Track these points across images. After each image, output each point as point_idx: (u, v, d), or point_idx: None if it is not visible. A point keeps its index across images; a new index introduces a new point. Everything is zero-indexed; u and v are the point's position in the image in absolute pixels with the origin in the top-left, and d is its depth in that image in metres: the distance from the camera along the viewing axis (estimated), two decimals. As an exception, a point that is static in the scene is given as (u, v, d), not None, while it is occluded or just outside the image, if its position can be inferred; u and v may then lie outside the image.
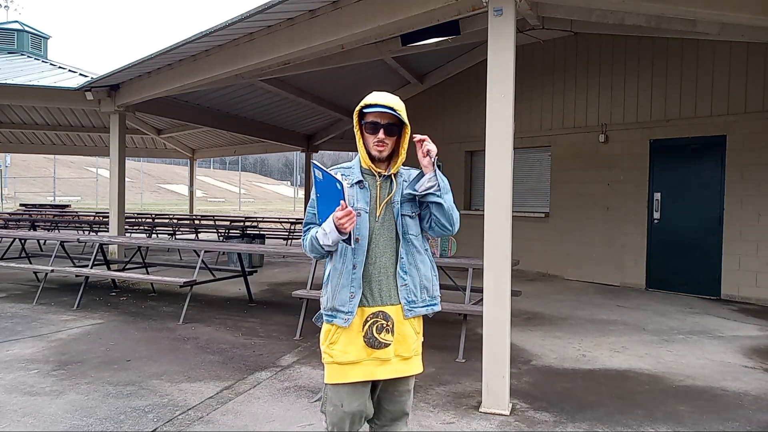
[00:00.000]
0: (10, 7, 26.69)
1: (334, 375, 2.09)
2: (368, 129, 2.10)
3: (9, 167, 32.21)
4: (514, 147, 3.63)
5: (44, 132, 15.42)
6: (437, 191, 2.10)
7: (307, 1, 5.12)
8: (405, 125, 2.11)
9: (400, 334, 2.10)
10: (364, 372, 2.06)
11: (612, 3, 4.52)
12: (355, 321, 2.07)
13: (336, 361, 2.08)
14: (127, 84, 8.78)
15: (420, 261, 2.16)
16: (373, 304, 2.09)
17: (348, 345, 2.07)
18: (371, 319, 2.06)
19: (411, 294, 2.12)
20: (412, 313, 2.12)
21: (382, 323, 2.06)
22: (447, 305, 5.03)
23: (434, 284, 2.21)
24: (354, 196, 2.09)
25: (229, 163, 58.60)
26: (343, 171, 2.16)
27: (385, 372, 2.09)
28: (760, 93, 7.29)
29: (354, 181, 2.12)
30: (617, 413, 3.54)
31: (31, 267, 7.78)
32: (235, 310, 6.55)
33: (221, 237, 12.94)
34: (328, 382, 2.11)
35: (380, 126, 2.07)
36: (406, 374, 2.14)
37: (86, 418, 3.35)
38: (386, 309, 2.09)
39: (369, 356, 2.06)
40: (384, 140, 2.09)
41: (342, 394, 2.07)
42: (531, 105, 9.78)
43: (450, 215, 2.15)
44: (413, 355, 2.14)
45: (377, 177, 2.15)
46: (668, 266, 8.08)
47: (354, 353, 2.06)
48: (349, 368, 2.06)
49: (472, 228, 5.67)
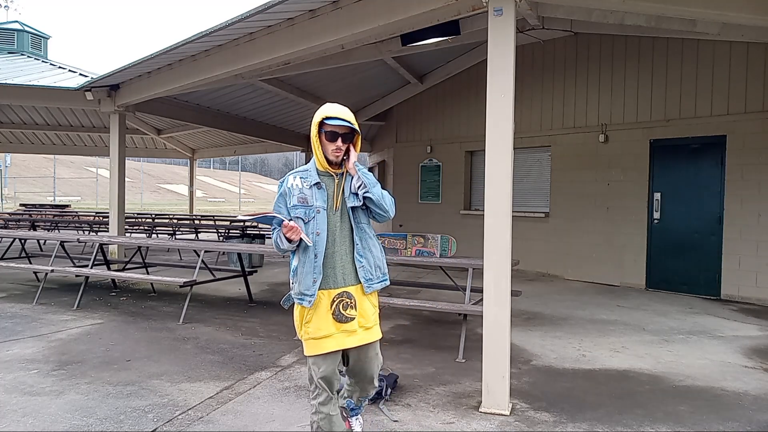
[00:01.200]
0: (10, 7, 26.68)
1: (312, 348, 2.51)
2: (328, 137, 2.50)
3: (9, 167, 32.20)
4: (514, 147, 3.63)
5: (44, 132, 15.42)
6: (364, 188, 2.52)
7: (307, 1, 5.12)
8: (357, 133, 2.53)
9: (361, 308, 2.55)
10: (336, 343, 2.50)
11: (612, 3, 4.52)
12: (324, 302, 2.50)
13: (312, 336, 2.50)
14: (127, 84, 8.78)
15: (372, 245, 2.63)
16: (337, 286, 2.52)
17: (320, 322, 2.50)
18: (337, 299, 2.50)
19: (368, 273, 2.58)
20: (370, 289, 2.57)
21: (347, 301, 2.51)
22: (447, 305, 5.04)
23: (384, 263, 2.69)
24: (313, 196, 2.53)
25: (229, 163, 58.59)
26: (301, 174, 2.59)
27: (353, 341, 2.53)
28: (760, 93, 7.29)
29: (312, 183, 2.54)
30: (617, 413, 3.54)
31: (31, 267, 7.78)
32: (235, 310, 6.55)
33: (221, 237, 12.94)
34: (307, 354, 2.54)
35: (338, 135, 2.49)
36: (369, 341, 2.59)
37: (86, 418, 3.35)
38: (348, 289, 2.53)
39: (338, 330, 2.50)
40: (341, 147, 2.50)
41: (320, 362, 2.51)
42: (531, 105, 9.79)
43: (381, 204, 2.56)
44: (374, 325, 2.60)
45: (333, 177, 2.57)
46: (668, 266, 8.08)
47: (326, 328, 2.49)
48: (323, 341, 2.49)
49: (472, 228, 5.68)
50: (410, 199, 12.02)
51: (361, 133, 2.56)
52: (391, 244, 5.56)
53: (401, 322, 6.04)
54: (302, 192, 2.54)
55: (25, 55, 12.43)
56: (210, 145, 17.36)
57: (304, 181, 2.56)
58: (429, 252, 5.38)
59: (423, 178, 11.78)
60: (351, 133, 2.52)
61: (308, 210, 2.52)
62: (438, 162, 11.49)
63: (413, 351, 4.91)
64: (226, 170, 59.29)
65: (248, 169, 65.94)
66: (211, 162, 53.17)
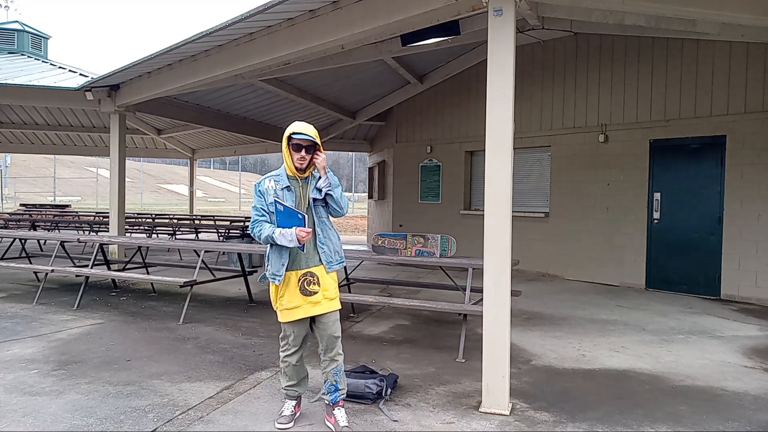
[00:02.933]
0: (10, 7, 26.65)
1: (285, 316, 3.20)
2: (294, 149, 3.12)
3: (9, 167, 32.19)
4: (514, 147, 3.63)
5: (44, 132, 15.41)
6: (329, 188, 3.15)
7: (307, 1, 5.12)
8: (318, 146, 3.14)
9: (324, 283, 3.18)
10: (303, 311, 3.15)
11: (612, 3, 4.52)
12: (293, 280, 3.16)
13: (285, 307, 3.18)
14: (127, 84, 8.78)
15: (331, 234, 3.27)
16: (303, 267, 3.17)
17: (290, 296, 3.17)
18: (303, 278, 3.15)
19: (328, 257, 3.23)
20: (331, 269, 3.23)
21: (310, 279, 3.16)
22: (447, 305, 5.04)
23: (341, 248, 3.35)
24: (284, 196, 3.14)
25: (229, 163, 58.55)
26: (274, 178, 3.20)
27: (318, 309, 3.16)
28: (760, 93, 7.29)
29: (283, 186, 3.16)
30: (617, 413, 3.54)
31: (31, 267, 7.78)
32: (235, 310, 6.55)
33: (221, 237, 12.94)
34: (281, 320, 3.24)
35: (302, 147, 3.11)
36: (331, 309, 3.20)
37: (86, 418, 3.35)
38: (312, 269, 3.18)
39: (305, 301, 3.15)
40: (304, 157, 3.13)
41: (293, 327, 3.23)
42: (531, 105, 9.79)
43: (338, 202, 3.20)
44: (335, 297, 3.23)
45: (299, 181, 3.20)
46: (668, 266, 8.09)
47: (295, 300, 3.15)
48: (294, 311, 3.16)
49: (472, 228, 5.68)
50: (410, 199, 12.02)
51: (321, 145, 3.16)
52: (391, 244, 5.56)
53: (401, 322, 6.04)
54: (276, 193, 3.14)
55: (25, 55, 12.43)
56: (210, 145, 17.36)
57: (277, 183, 3.18)
58: (429, 252, 5.38)
59: (423, 178, 11.79)
60: (313, 145, 3.12)
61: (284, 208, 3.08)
62: (438, 162, 11.50)
63: (413, 351, 4.91)
64: (226, 170, 59.26)
65: (248, 169, 65.85)
66: (211, 162, 53.15)
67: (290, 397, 3.36)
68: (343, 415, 3.21)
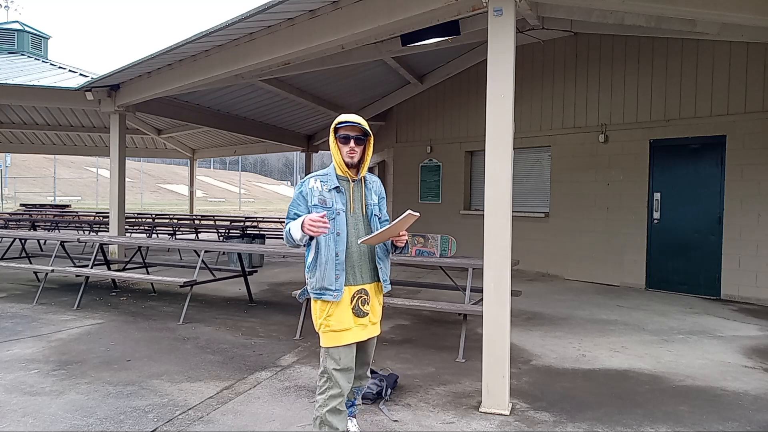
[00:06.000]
0: (10, 7, 26.64)
1: (332, 340, 2.68)
2: (342, 141, 2.70)
3: (9, 167, 32.20)
4: (514, 147, 3.63)
5: (44, 132, 15.42)
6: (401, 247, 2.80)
7: (307, 1, 5.12)
8: (369, 136, 2.73)
9: (372, 305, 2.81)
10: (353, 335, 2.71)
11: (612, 3, 4.52)
12: (345, 297, 2.69)
13: (333, 329, 2.67)
14: (127, 84, 8.78)
15: (386, 251, 2.86)
16: (356, 283, 2.73)
17: (342, 316, 2.68)
18: (357, 296, 2.72)
19: (385, 274, 2.83)
20: (387, 287, 2.85)
21: (365, 298, 2.75)
22: (447, 305, 5.04)
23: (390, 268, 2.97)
24: (333, 198, 2.70)
25: (229, 163, 58.59)
26: (321, 178, 2.76)
27: (365, 334, 2.78)
28: (760, 93, 7.29)
29: (332, 186, 2.72)
30: (617, 413, 3.55)
31: (31, 267, 7.78)
32: (235, 310, 6.55)
33: (221, 237, 12.94)
34: (326, 346, 2.69)
35: (351, 138, 2.68)
36: (376, 334, 2.89)
37: (86, 418, 3.35)
38: (365, 287, 2.76)
39: (356, 323, 2.72)
40: (354, 148, 2.69)
41: (340, 353, 2.68)
42: (531, 105, 9.79)
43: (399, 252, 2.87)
44: (378, 321, 2.89)
45: (350, 182, 2.76)
46: (668, 266, 8.09)
47: (347, 322, 2.69)
48: (343, 334, 2.69)
49: (472, 228, 5.68)
50: (410, 199, 12.01)
51: (372, 135, 2.75)
52: (391, 244, 5.55)
53: (401, 322, 6.04)
54: (322, 194, 2.71)
55: (26, 55, 12.43)
56: (210, 145, 17.37)
57: (324, 184, 2.73)
58: (429, 252, 5.38)
59: (423, 178, 11.78)
60: (363, 136, 2.71)
61: (329, 211, 2.67)
62: (438, 162, 11.49)
63: (413, 351, 4.91)
64: (226, 170, 59.27)
65: (248, 169, 65.92)
66: (211, 162, 53.17)
67: None
68: (355, 426, 3.12)
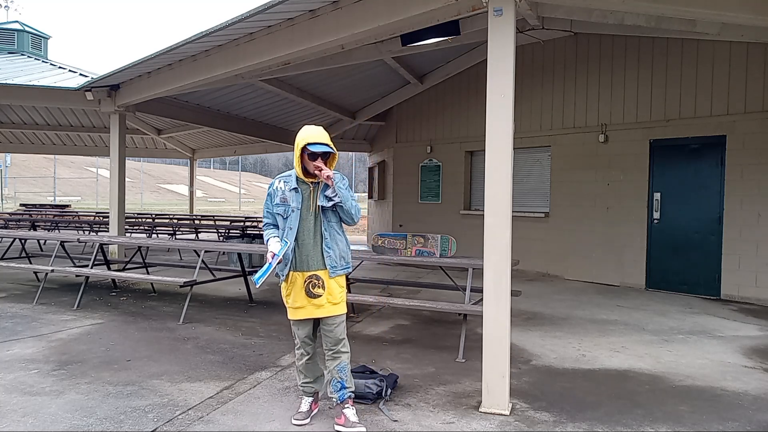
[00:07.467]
0: (10, 7, 26.64)
1: (290, 314, 3.30)
2: (311, 158, 3.12)
3: (9, 167, 32.19)
4: (514, 147, 3.63)
5: (44, 132, 15.40)
6: (339, 201, 3.16)
7: (307, 1, 5.12)
8: (333, 153, 3.17)
9: (329, 288, 3.22)
10: (306, 312, 3.24)
11: (612, 3, 4.52)
12: (299, 281, 3.22)
13: (290, 306, 3.28)
14: (127, 84, 8.78)
15: (339, 240, 3.27)
16: (308, 269, 3.21)
17: (296, 296, 3.25)
18: (308, 280, 3.20)
19: (333, 261, 3.23)
20: (334, 274, 3.24)
21: (315, 282, 3.20)
22: (447, 305, 5.04)
23: (348, 254, 3.34)
24: (292, 198, 3.21)
25: (229, 163, 58.54)
26: (284, 179, 3.28)
27: (321, 312, 3.22)
28: (760, 93, 7.29)
29: (292, 187, 3.23)
30: (617, 413, 3.55)
31: (31, 267, 7.78)
32: (235, 310, 6.55)
33: (221, 237, 12.94)
34: (289, 318, 3.33)
35: (318, 155, 3.11)
36: (334, 313, 3.25)
37: (86, 418, 3.35)
38: (318, 272, 3.21)
39: (309, 303, 3.21)
40: (321, 165, 3.10)
41: (297, 325, 3.32)
42: (531, 105, 9.79)
43: (349, 211, 3.21)
44: (340, 301, 3.27)
45: (309, 186, 3.23)
46: (668, 266, 8.09)
47: (300, 301, 3.23)
48: (298, 310, 3.25)
49: (472, 228, 5.68)
50: (410, 199, 12.02)
51: (336, 153, 3.20)
52: (391, 244, 5.56)
53: (401, 322, 6.04)
54: (284, 193, 3.25)
55: (25, 55, 12.42)
56: (210, 145, 17.36)
57: (286, 184, 3.26)
58: (429, 252, 5.38)
59: (423, 178, 11.79)
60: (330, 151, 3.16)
61: (286, 208, 3.23)
62: (438, 162, 11.49)
63: (413, 351, 4.91)
64: (226, 170, 59.23)
65: (248, 169, 65.89)
66: (211, 162, 53.13)
67: (306, 393, 3.40)
68: (353, 414, 3.18)
